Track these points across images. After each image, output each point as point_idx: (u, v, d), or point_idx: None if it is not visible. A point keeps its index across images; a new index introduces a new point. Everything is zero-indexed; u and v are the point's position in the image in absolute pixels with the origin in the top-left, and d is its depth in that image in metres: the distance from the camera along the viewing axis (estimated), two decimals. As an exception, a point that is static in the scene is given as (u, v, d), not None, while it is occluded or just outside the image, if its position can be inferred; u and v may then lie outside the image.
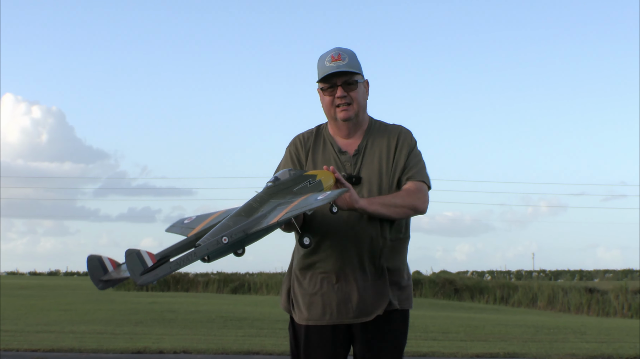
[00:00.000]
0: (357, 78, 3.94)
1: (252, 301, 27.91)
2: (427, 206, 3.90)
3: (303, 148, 4.07)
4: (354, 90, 3.93)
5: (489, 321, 19.05)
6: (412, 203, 3.82)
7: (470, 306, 31.31)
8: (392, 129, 4.03)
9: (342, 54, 3.94)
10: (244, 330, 15.23)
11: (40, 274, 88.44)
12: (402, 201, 3.81)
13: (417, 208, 3.85)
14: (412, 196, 3.84)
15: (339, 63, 3.90)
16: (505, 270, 70.98)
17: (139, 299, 25.82)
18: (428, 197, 3.92)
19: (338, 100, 3.93)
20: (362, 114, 4.00)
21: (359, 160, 3.95)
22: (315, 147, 4.06)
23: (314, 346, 3.94)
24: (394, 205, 3.79)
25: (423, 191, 3.90)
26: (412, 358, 11.49)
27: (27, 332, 14.31)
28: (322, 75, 3.92)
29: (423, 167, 3.99)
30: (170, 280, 40.38)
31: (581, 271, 73.38)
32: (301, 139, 4.11)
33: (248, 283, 39.57)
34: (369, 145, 3.98)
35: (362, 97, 3.97)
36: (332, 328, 3.91)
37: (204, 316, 18.20)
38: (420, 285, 36.78)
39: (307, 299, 3.96)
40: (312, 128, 4.15)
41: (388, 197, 3.81)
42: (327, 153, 4.02)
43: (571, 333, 15.85)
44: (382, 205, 3.77)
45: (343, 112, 3.94)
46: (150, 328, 15.59)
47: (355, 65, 3.95)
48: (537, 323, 18.83)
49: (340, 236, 3.88)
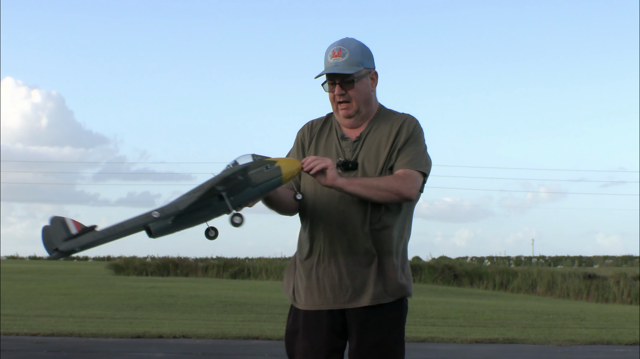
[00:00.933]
0: (353, 77, 3.90)
1: (252, 286, 27.97)
2: (413, 193, 3.82)
3: (309, 134, 4.10)
4: (352, 89, 3.91)
5: (488, 306, 19.08)
6: (396, 188, 3.77)
7: (470, 291, 31.36)
8: (397, 117, 4.00)
9: (343, 49, 3.91)
10: (243, 315, 15.26)
11: (40, 258, 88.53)
12: (386, 185, 3.76)
13: (402, 193, 3.78)
14: (398, 181, 3.78)
15: (337, 60, 3.89)
16: (505, 256, 71.08)
17: (139, 284, 25.87)
18: (417, 184, 3.85)
19: (337, 97, 3.93)
20: (365, 108, 3.96)
21: (358, 146, 3.94)
22: (321, 133, 4.08)
23: (311, 330, 3.94)
24: (376, 188, 3.75)
25: (411, 178, 3.83)
26: (411, 343, 11.50)
27: (26, 316, 14.33)
28: (321, 72, 3.93)
29: (421, 155, 3.92)
30: (170, 265, 40.46)
31: (581, 258, 73.49)
32: (310, 125, 4.14)
33: (247, 268, 39.61)
34: (371, 132, 3.96)
35: (362, 93, 3.93)
36: (328, 313, 3.91)
37: (204, 301, 18.23)
38: (419, 270, 36.83)
39: (304, 284, 3.98)
40: (325, 115, 4.16)
41: (371, 179, 3.79)
42: (330, 139, 4.03)
43: (570, 319, 15.88)
44: (363, 186, 3.74)
45: (343, 110, 3.95)
46: (150, 312, 15.62)
47: (356, 60, 3.91)
48: (536, 308, 18.86)
49: (331, 223, 3.88)
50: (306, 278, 3.98)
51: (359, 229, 3.85)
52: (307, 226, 3.99)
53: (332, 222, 3.88)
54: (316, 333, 3.92)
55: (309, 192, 3.97)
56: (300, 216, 4.04)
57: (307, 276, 3.98)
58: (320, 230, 3.92)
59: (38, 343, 10.95)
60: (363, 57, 3.93)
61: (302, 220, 4.04)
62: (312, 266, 3.96)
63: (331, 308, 3.90)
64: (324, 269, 3.92)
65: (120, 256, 48.02)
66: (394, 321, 3.94)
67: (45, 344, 10.90)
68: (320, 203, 3.90)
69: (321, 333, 3.92)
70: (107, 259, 64.88)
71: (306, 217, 3.99)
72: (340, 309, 3.90)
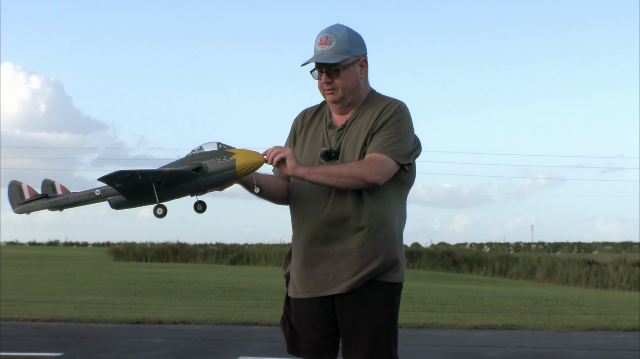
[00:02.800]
0: (339, 66, 3.89)
1: (251, 272, 28.00)
2: (378, 179, 3.77)
3: (301, 123, 4.14)
4: (338, 77, 3.90)
5: (488, 293, 19.11)
6: (360, 174, 3.74)
7: (469, 278, 31.42)
8: (382, 103, 3.97)
9: (330, 37, 3.91)
10: (243, 301, 15.28)
11: (40, 244, 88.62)
12: (349, 172, 3.74)
13: (366, 179, 3.75)
14: (362, 167, 3.75)
15: (324, 49, 3.90)
16: (504, 242, 71.11)
17: (138, 270, 25.89)
18: (385, 169, 3.78)
19: (324, 84, 3.94)
20: (351, 95, 3.95)
21: (343, 134, 3.94)
22: (312, 122, 4.10)
23: (304, 319, 3.97)
24: (338, 175, 3.74)
25: (379, 162, 3.78)
26: (410, 329, 11.52)
27: (26, 302, 14.35)
28: (309, 59, 3.93)
29: (396, 139, 3.86)
30: (169, 251, 40.48)
31: (580, 244, 73.51)
32: (303, 114, 4.17)
33: (247, 254, 39.64)
34: (356, 119, 3.95)
35: (348, 81, 3.92)
36: (320, 300, 3.92)
37: (203, 287, 18.26)
38: (418, 256, 36.88)
39: (295, 273, 4.01)
40: (319, 103, 4.17)
41: (334, 167, 3.78)
42: (319, 128, 4.05)
43: (569, 305, 15.90)
44: (324, 174, 3.75)
45: (329, 95, 3.95)
46: (150, 298, 15.64)
47: (342, 49, 3.90)
48: (535, 295, 18.89)
49: (313, 211, 3.90)
50: (294, 266, 4.02)
51: (342, 217, 3.85)
52: (294, 215, 4.02)
53: (314, 212, 3.90)
54: (309, 319, 3.95)
55: (295, 182, 3.99)
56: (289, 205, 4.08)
57: (294, 265, 4.02)
58: (302, 219, 3.95)
59: (37, 329, 10.97)
60: (351, 45, 3.92)
61: (290, 208, 4.08)
62: (297, 255, 3.99)
63: (315, 295, 3.92)
64: (309, 257, 3.93)
65: (120, 242, 48.03)
66: (379, 305, 3.89)
67: (45, 329, 10.91)
68: (305, 193, 3.93)
69: (314, 319, 3.95)
70: (107, 245, 64.90)
71: (292, 206, 4.04)
72: (330, 296, 3.90)
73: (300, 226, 3.97)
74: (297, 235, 3.99)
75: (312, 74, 3.98)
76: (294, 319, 4.02)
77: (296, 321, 4.01)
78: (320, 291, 3.91)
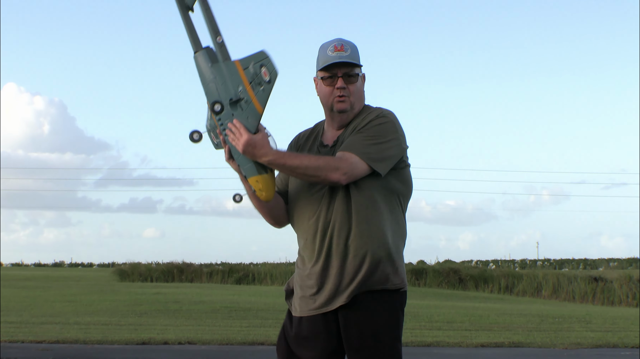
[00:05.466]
0: (357, 71, 3.89)
1: (257, 291, 27.95)
2: (343, 179, 3.68)
3: (294, 147, 4.08)
4: (353, 83, 3.87)
5: (494, 310, 19.05)
6: (323, 171, 3.67)
7: (475, 295, 31.33)
8: (367, 113, 3.91)
9: (345, 44, 3.88)
10: (249, 321, 15.25)
11: (45, 265, 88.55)
12: (316, 166, 3.68)
13: (328, 177, 3.68)
14: (329, 164, 3.68)
15: (341, 54, 3.85)
16: (510, 259, 70.92)
17: (144, 290, 25.86)
18: (353, 171, 3.69)
19: (337, 91, 3.87)
20: (358, 105, 3.93)
21: (335, 151, 3.87)
22: (305, 145, 4.04)
23: (306, 338, 3.90)
24: (304, 166, 3.68)
25: (347, 162, 3.69)
26: (416, 347, 11.49)
27: (31, 323, 14.34)
28: (323, 64, 3.87)
29: (371, 142, 3.77)
30: (174, 271, 40.44)
31: (585, 260, 73.28)
32: (297, 138, 4.12)
33: (252, 273, 39.57)
34: (345, 134, 3.91)
35: (359, 90, 3.91)
36: (323, 316, 3.86)
37: (209, 307, 18.23)
38: (424, 274, 36.80)
39: (297, 289, 3.97)
40: (312, 126, 4.13)
41: (305, 157, 3.74)
42: (312, 149, 3.99)
43: (576, 322, 15.85)
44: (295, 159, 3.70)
45: (340, 103, 3.87)
46: (155, 318, 15.62)
47: (357, 57, 3.90)
48: (541, 312, 18.83)
49: (308, 224, 3.86)
50: (296, 283, 3.98)
51: (338, 229, 3.79)
52: (295, 230, 3.99)
53: (309, 225, 3.86)
54: (314, 337, 3.88)
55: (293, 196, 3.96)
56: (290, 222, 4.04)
57: (296, 281, 3.98)
58: (301, 234, 3.92)
59: (43, 351, 10.96)
60: (359, 58, 3.92)
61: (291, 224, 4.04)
62: (299, 270, 3.96)
63: (315, 312, 3.85)
64: (308, 273, 3.88)
65: (125, 263, 47.98)
66: (375, 314, 3.81)
67: (51, 351, 10.90)
68: (300, 203, 3.90)
69: (319, 337, 3.87)
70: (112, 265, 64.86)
71: (292, 221, 4.00)
72: (333, 311, 3.83)
73: (300, 242, 3.94)
74: (300, 252, 3.95)
75: (321, 81, 3.91)
76: (294, 337, 3.94)
77: (295, 339, 3.94)
78: (320, 309, 3.84)
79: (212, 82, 3.67)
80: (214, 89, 3.68)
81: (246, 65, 3.66)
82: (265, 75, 3.65)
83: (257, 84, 3.66)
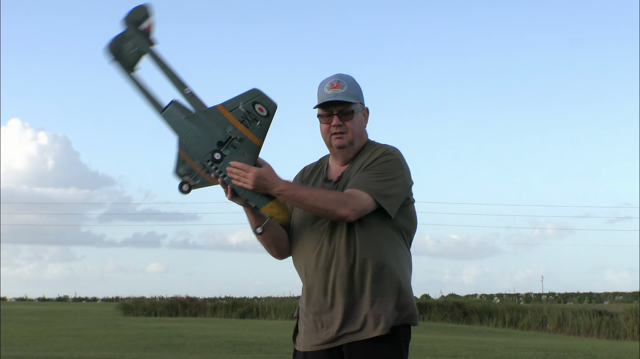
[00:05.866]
0: (353, 108, 3.92)
1: (261, 325, 27.86)
2: (351, 215, 3.71)
3: (299, 180, 4.12)
4: (350, 120, 3.91)
5: (499, 344, 18.98)
6: (332, 206, 3.70)
7: (480, 329, 31.19)
8: (375, 149, 3.95)
9: (341, 81, 3.92)
10: (253, 355, 15.21)
11: (49, 300, 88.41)
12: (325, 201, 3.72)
13: (336, 212, 3.71)
14: (338, 199, 3.72)
15: (336, 91, 3.89)
16: (514, 293, 70.73)
17: (148, 325, 25.81)
18: (360, 206, 3.73)
19: (333, 128, 3.92)
20: (358, 142, 3.96)
21: (339, 187, 3.91)
22: (310, 179, 4.09)
23: None
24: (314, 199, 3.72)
25: (355, 198, 3.73)
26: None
27: (36, 358, 14.31)
28: (318, 102, 3.94)
29: (379, 179, 3.80)
30: (178, 305, 40.37)
31: (590, 294, 73.05)
32: (302, 171, 4.18)
33: (256, 307, 39.46)
34: (350, 169, 3.94)
35: (358, 126, 3.94)
36: (328, 352, 3.86)
37: (213, 341, 18.18)
38: (428, 308, 36.65)
39: (302, 324, 3.98)
40: (318, 160, 4.18)
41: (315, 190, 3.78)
42: (316, 184, 4.03)
43: (582, 356, 15.78)
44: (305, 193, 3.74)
45: (337, 139, 3.92)
46: (159, 353, 15.58)
47: (354, 93, 3.92)
48: (547, 346, 18.75)
49: (313, 260, 3.87)
50: (304, 318, 3.97)
51: (343, 265, 3.80)
52: (296, 267, 4.00)
53: (314, 260, 3.86)
54: None
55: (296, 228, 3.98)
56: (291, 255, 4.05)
57: (301, 317, 3.98)
58: (303, 267, 3.92)
59: (47, 385, 10.94)
60: (358, 92, 3.96)
61: (292, 258, 4.05)
62: (303, 305, 3.97)
63: (320, 348, 3.86)
64: (311, 307, 3.90)
65: (129, 297, 47.95)
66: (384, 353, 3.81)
67: (55, 385, 10.88)
68: (303, 237, 3.91)
69: None
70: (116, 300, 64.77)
71: (293, 253, 4.01)
72: (338, 347, 3.84)
73: (301, 276, 3.96)
74: (304, 286, 3.96)
75: (320, 119, 3.97)
76: None
77: None
78: (327, 344, 3.86)
79: (191, 134, 3.70)
80: (195, 141, 3.70)
81: (234, 106, 3.69)
82: (261, 110, 3.69)
83: (253, 120, 3.70)
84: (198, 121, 3.69)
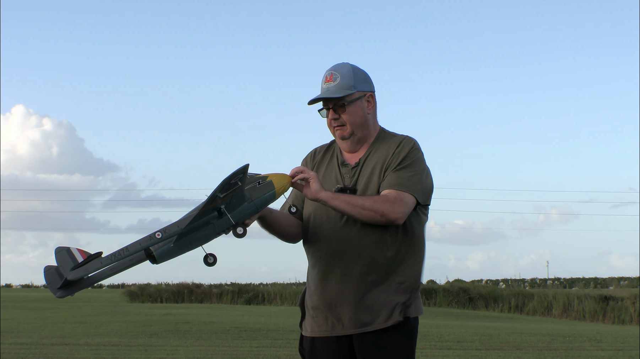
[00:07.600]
0: (345, 101, 3.93)
1: (266, 311, 27.91)
2: (400, 217, 3.76)
3: (311, 162, 4.14)
4: (345, 112, 3.93)
5: (504, 329, 18.99)
6: (382, 210, 3.73)
7: (485, 314, 31.22)
8: (395, 139, 3.98)
9: (334, 73, 3.95)
10: (259, 341, 15.23)
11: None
12: (372, 205, 3.73)
13: (387, 216, 3.74)
14: (385, 203, 3.74)
15: (329, 85, 3.94)
16: (520, 278, 70.71)
17: (154, 311, 25.86)
18: (406, 208, 3.78)
19: (332, 121, 3.97)
20: (360, 131, 3.97)
21: (357, 172, 3.94)
22: (323, 161, 4.11)
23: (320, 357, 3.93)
24: (361, 206, 3.73)
25: (400, 201, 3.76)
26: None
27: (42, 345, 14.34)
28: (312, 98, 3.97)
29: (413, 177, 3.85)
30: (184, 292, 40.44)
31: (596, 279, 73.03)
32: (312, 153, 4.19)
33: (262, 293, 39.53)
34: (370, 157, 3.96)
35: (355, 116, 3.94)
36: (336, 339, 3.88)
37: (219, 327, 18.21)
38: (434, 294, 36.68)
39: (311, 311, 3.99)
40: (328, 142, 4.19)
41: (358, 197, 3.78)
42: (331, 166, 4.05)
43: (587, 341, 15.79)
44: (347, 202, 3.74)
45: (338, 131, 3.98)
46: (165, 339, 15.61)
47: (347, 84, 3.93)
48: (552, 331, 18.76)
49: (333, 249, 3.88)
50: (310, 304, 3.99)
51: (360, 255, 3.83)
52: (309, 252, 4.01)
53: (335, 249, 3.87)
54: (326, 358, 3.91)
55: (310, 217, 3.99)
56: (303, 243, 4.06)
57: (311, 302, 3.98)
58: (324, 257, 3.92)
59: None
60: (356, 81, 3.95)
61: (304, 245, 4.06)
62: (313, 292, 3.97)
63: (330, 334, 3.88)
64: (323, 295, 3.90)
65: (134, 284, 48.04)
66: (398, 346, 3.86)
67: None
68: (325, 231, 3.91)
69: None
70: (122, 286, 64.88)
71: (307, 243, 4.01)
72: (348, 336, 3.86)
73: (318, 264, 3.95)
74: (314, 271, 3.97)
75: (320, 113, 4.01)
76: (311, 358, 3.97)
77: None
78: (337, 331, 3.87)
79: (200, 239, 3.70)
80: (205, 239, 3.70)
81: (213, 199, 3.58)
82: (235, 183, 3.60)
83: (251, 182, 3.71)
84: (194, 232, 3.66)
